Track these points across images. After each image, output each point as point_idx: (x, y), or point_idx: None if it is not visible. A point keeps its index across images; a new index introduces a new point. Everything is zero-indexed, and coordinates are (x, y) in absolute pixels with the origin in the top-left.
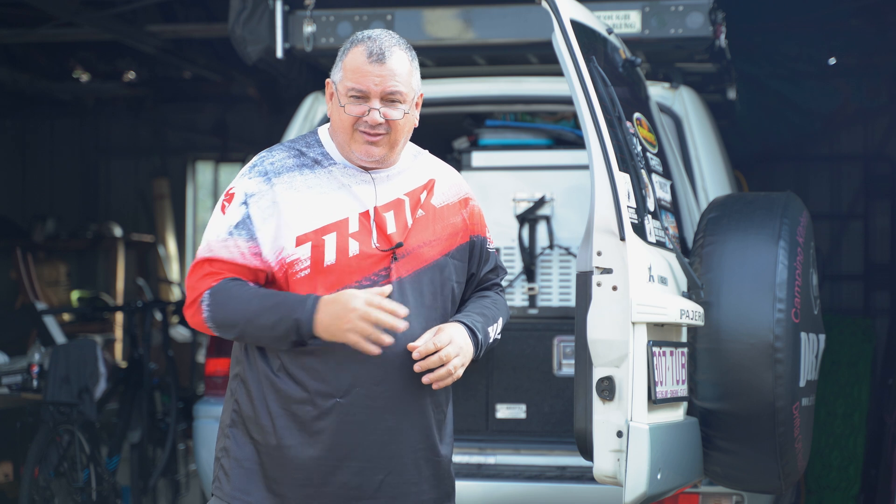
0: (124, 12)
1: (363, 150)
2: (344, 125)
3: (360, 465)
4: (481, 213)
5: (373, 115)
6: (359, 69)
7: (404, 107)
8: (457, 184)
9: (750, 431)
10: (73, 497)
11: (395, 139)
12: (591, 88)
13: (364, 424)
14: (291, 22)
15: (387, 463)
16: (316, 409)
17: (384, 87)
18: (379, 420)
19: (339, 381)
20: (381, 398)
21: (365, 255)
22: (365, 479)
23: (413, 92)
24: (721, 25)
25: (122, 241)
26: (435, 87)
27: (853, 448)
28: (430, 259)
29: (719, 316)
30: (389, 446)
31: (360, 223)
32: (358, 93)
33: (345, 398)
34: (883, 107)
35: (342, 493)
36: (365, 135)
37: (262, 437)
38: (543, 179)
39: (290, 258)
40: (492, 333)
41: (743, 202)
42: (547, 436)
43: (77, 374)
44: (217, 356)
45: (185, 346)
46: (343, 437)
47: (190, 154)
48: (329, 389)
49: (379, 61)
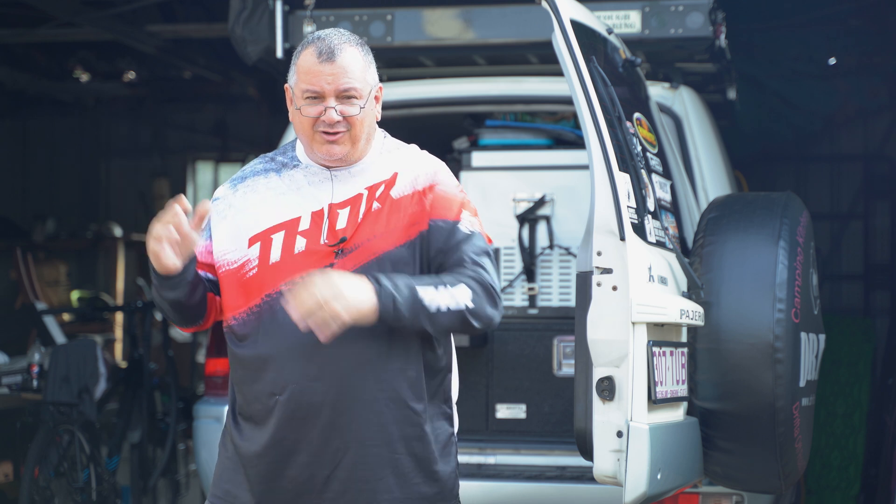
0: (124, 12)
1: (325, 150)
2: (304, 127)
3: (306, 460)
4: (452, 198)
5: (329, 114)
6: (310, 70)
7: (360, 102)
8: (425, 173)
9: (750, 431)
10: (73, 497)
11: (356, 135)
12: (591, 88)
13: (305, 420)
14: (291, 22)
15: (332, 458)
16: (263, 408)
17: (337, 86)
18: (318, 415)
19: (278, 379)
20: (317, 394)
21: (311, 251)
22: (313, 473)
23: (368, 86)
24: (721, 25)
25: (122, 241)
26: (435, 87)
27: (853, 448)
28: (379, 251)
29: (719, 316)
30: (332, 441)
31: (311, 221)
32: (312, 94)
33: (282, 395)
34: (883, 107)
35: (292, 488)
36: (325, 135)
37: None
38: (543, 179)
39: (241, 260)
40: (428, 297)
41: (743, 202)
42: (547, 436)
43: (77, 374)
44: (217, 356)
45: (185, 346)
46: (286, 432)
47: (190, 154)
48: (270, 388)
49: (329, 60)
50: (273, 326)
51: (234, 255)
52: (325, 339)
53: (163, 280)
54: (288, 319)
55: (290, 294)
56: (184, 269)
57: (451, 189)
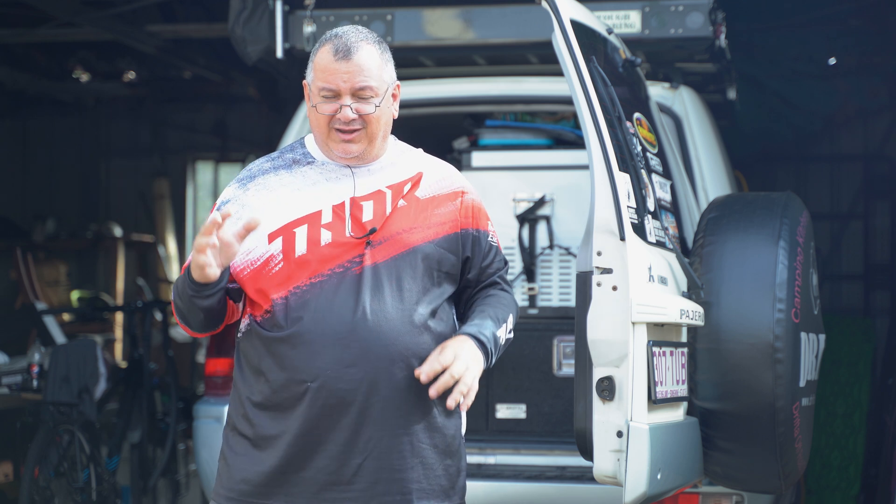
0: (124, 12)
1: (341, 149)
2: (320, 125)
3: (336, 450)
4: (479, 208)
5: (345, 112)
6: (327, 68)
7: (376, 100)
8: (449, 177)
9: (750, 431)
10: (73, 497)
11: (373, 133)
12: (591, 88)
13: (335, 408)
14: (291, 22)
15: (363, 447)
16: (290, 396)
17: (353, 84)
18: (350, 403)
19: (310, 367)
20: (351, 381)
21: (337, 243)
22: (342, 464)
23: (385, 84)
24: (721, 25)
25: (122, 241)
26: (435, 87)
27: (853, 448)
28: (409, 245)
29: (719, 316)
30: (364, 430)
31: (333, 214)
32: (328, 91)
33: (315, 382)
34: (883, 107)
35: (320, 479)
36: (340, 133)
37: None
38: (543, 179)
39: (264, 256)
40: (503, 335)
41: (743, 202)
42: (547, 436)
43: (77, 374)
44: (217, 356)
45: (185, 346)
46: (316, 421)
47: (190, 154)
48: (301, 376)
49: (345, 58)
50: (305, 314)
51: (255, 254)
52: (462, 408)
53: (201, 288)
54: (320, 309)
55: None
56: (220, 277)
57: (477, 198)
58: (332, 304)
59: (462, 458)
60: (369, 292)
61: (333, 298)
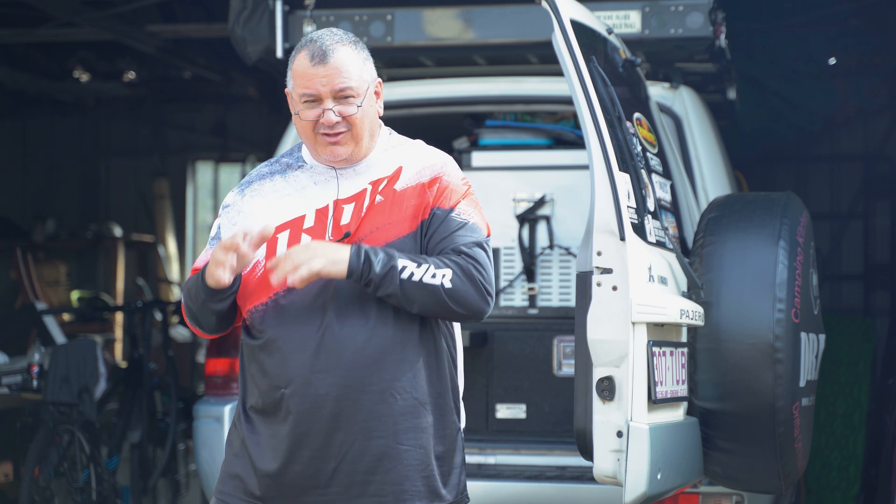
0: (124, 12)
1: (328, 152)
2: (305, 131)
3: (311, 455)
4: (451, 188)
5: (328, 116)
6: (304, 73)
7: (357, 100)
8: (430, 166)
9: (750, 431)
10: (73, 497)
11: (358, 134)
12: (591, 88)
13: (308, 413)
14: (291, 22)
15: (337, 451)
16: (272, 402)
17: (333, 86)
18: (322, 408)
19: (283, 374)
20: (322, 386)
21: None
22: (319, 468)
23: (365, 83)
24: (721, 25)
25: (122, 241)
26: (435, 87)
27: (853, 448)
28: (383, 242)
29: (719, 316)
30: (337, 434)
31: (316, 218)
32: (309, 97)
33: (288, 388)
34: (883, 107)
35: (298, 484)
36: (326, 137)
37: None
38: (543, 179)
39: (251, 263)
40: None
41: (743, 202)
42: (547, 436)
43: (77, 374)
44: (217, 356)
45: (185, 346)
46: (292, 427)
47: (190, 154)
48: (277, 382)
49: (322, 62)
50: (279, 321)
51: None
52: (295, 282)
53: (214, 294)
54: (293, 314)
55: (271, 263)
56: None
57: (454, 180)
58: (304, 310)
59: (454, 455)
60: (340, 296)
61: (305, 304)
